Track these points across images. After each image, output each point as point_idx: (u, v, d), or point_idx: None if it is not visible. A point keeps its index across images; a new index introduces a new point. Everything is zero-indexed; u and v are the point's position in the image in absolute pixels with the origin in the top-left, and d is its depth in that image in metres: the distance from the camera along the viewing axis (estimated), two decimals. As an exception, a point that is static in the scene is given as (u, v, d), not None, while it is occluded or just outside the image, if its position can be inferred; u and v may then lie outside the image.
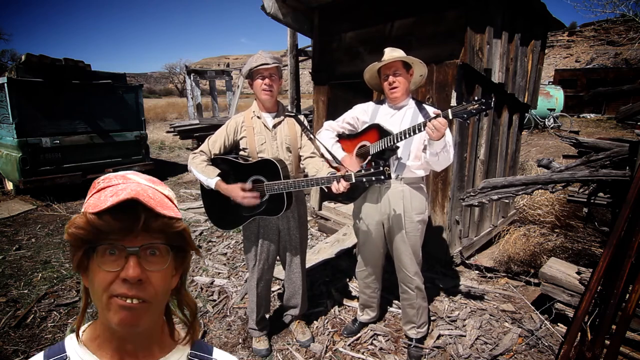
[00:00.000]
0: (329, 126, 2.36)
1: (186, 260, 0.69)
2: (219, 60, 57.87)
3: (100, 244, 0.59)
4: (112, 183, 0.62)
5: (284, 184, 1.99)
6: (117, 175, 0.64)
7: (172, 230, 0.62)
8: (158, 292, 0.62)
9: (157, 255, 0.62)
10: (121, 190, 0.58)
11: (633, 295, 1.68)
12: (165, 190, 0.66)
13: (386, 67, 2.10)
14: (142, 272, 0.59)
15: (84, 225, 0.58)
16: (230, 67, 13.14)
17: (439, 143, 1.91)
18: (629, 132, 10.39)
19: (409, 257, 2.24)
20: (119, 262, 0.59)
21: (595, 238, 3.85)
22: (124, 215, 0.57)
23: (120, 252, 0.59)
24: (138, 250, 0.59)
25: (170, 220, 0.61)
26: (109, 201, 0.57)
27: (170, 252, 0.63)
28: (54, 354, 0.68)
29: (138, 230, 0.59)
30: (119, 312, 0.60)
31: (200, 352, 0.75)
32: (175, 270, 0.67)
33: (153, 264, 0.61)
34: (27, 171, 5.52)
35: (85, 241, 0.59)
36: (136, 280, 0.59)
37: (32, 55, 5.68)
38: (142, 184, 0.62)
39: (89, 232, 0.58)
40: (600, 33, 28.32)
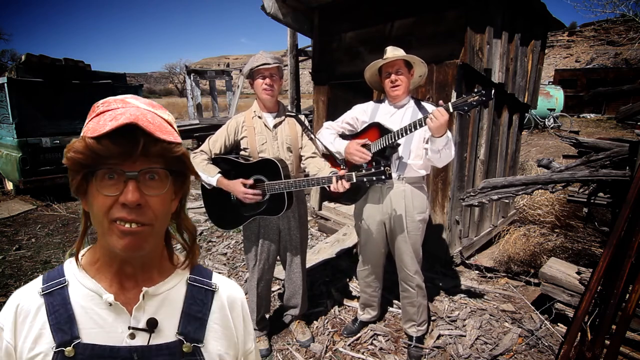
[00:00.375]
0: (329, 125, 2.36)
1: (185, 184, 0.68)
2: (219, 60, 57.88)
3: (99, 169, 0.58)
4: (111, 107, 0.60)
5: (284, 184, 1.99)
6: (117, 99, 0.62)
7: (172, 155, 0.61)
8: (157, 216, 0.62)
9: (156, 180, 0.61)
10: (120, 114, 0.57)
11: (633, 295, 1.68)
12: (164, 114, 0.64)
13: (388, 65, 2.11)
14: (141, 196, 0.59)
15: (82, 150, 0.57)
16: (230, 67, 13.14)
17: (441, 140, 1.91)
18: (629, 132, 10.40)
19: (410, 256, 2.24)
20: (117, 186, 0.58)
21: (595, 238, 3.85)
22: (123, 140, 0.56)
23: (119, 176, 0.58)
24: (137, 174, 0.58)
25: (170, 145, 0.60)
26: (107, 125, 0.56)
27: (169, 177, 0.63)
28: (52, 278, 0.68)
29: (137, 155, 0.58)
30: (122, 238, 0.60)
31: (199, 276, 0.74)
32: (175, 195, 0.67)
33: (152, 189, 0.61)
34: (27, 171, 5.52)
35: (84, 165, 0.58)
36: (135, 205, 0.58)
37: (32, 55, 5.68)
38: (141, 108, 0.61)
39: (88, 157, 0.57)
40: (600, 33, 28.32)
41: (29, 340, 0.63)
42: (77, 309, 0.65)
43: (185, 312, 0.69)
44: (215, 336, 0.71)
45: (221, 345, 0.71)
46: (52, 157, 5.81)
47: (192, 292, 0.71)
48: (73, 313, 0.64)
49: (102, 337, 0.64)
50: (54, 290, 0.66)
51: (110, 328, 0.64)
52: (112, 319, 0.65)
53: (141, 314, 0.66)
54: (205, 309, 0.71)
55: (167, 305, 0.69)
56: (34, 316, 0.64)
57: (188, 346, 0.67)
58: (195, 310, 0.70)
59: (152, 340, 0.65)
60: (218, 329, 0.71)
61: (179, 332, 0.67)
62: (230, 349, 0.73)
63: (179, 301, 0.70)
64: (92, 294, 0.66)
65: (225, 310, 0.74)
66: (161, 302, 0.68)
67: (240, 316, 0.76)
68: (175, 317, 0.68)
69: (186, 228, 0.72)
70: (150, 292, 0.67)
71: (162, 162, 0.61)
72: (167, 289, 0.70)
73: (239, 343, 0.75)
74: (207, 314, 0.71)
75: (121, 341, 0.64)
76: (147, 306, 0.67)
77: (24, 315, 0.64)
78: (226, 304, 0.74)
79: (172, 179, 0.64)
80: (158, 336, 0.66)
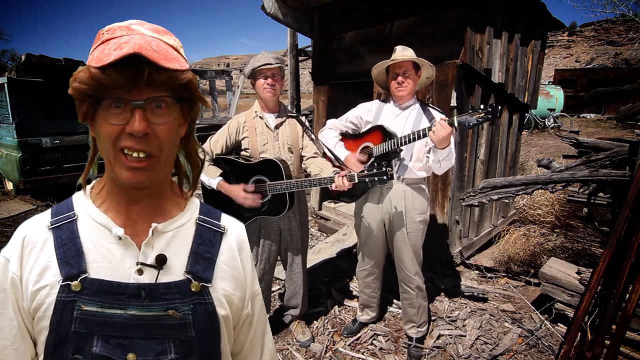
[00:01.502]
0: (332, 124, 2.35)
1: (194, 110, 0.67)
2: (219, 60, 57.82)
3: (105, 98, 0.58)
4: (115, 35, 0.59)
5: (286, 184, 1.99)
6: (121, 25, 0.61)
7: (178, 83, 0.60)
8: (165, 145, 0.61)
9: (162, 108, 0.60)
10: (125, 43, 0.56)
11: (633, 295, 1.69)
12: (170, 39, 0.63)
13: (396, 66, 2.09)
14: (148, 125, 0.58)
15: (87, 80, 0.56)
16: (230, 67, 13.12)
17: (444, 152, 1.91)
18: (629, 132, 10.39)
19: (410, 257, 2.24)
20: (124, 115, 0.58)
21: (595, 238, 3.85)
22: (128, 70, 0.56)
23: (126, 105, 0.58)
24: (143, 103, 0.58)
25: (175, 73, 0.59)
26: (112, 55, 0.55)
27: (176, 104, 0.62)
28: (62, 211, 0.67)
29: (142, 85, 0.57)
30: (127, 171, 0.60)
31: (208, 217, 0.74)
32: (183, 120, 0.66)
33: (159, 117, 0.60)
34: (27, 171, 5.52)
35: (89, 95, 0.58)
36: (142, 134, 0.58)
37: (32, 55, 5.67)
38: (146, 35, 0.59)
39: (93, 87, 0.57)
40: (600, 33, 28.31)
41: (35, 273, 0.63)
42: (85, 243, 0.64)
43: (193, 252, 0.68)
44: (223, 276, 0.70)
45: (229, 286, 0.70)
46: (52, 157, 5.80)
47: (202, 232, 0.71)
48: (81, 247, 0.64)
49: (110, 272, 0.63)
50: (63, 224, 0.66)
51: (118, 263, 0.64)
52: (120, 253, 0.65)
53: (150, 250, 0.66)
54: (214, 250, 0.70)
55: (175, 244, 0.68)
56: (40, 248, 0.64)
57: (196, 285, 0.66)
58: (204, 251, 0.69)
59: (160, 277, 0.65)
60: (226, 269, 0.71)
61: (187, 270, 0.67)
62: (237, 290, 0.72)
63: (187, 240, 0.69)
64: (101, 228, 0.65)
65: (234, 252, 0.73)
66: (170, 240, 0.68)
67: (248, 258, 0.76)
68: (184, 255, 0.68)
69: (194, 154, 0.71)
70: (160, 228, 0.67)
71: (168, 90, 0.60)
72: (176, 227, 0.69)
73: (247, 284, 0.74)
74: (216, 255, 0.70)
75: (129, 277, 0.64)
76: (156, 242, 0.66)
77: (31, 247, 0.64)
78: (235, 246, 0.74)
79: (180, 106, 0.63)
80: (166, 274, 0.65)
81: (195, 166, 0.73)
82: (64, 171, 5.91)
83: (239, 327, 0.76)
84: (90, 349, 0.61)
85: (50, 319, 0.61)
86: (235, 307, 0.73)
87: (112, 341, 0.62)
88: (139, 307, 0.63)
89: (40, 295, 0.62)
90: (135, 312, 0.63)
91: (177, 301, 0.65)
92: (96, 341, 0.61)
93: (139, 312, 0.63)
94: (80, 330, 0.61)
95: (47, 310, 0.61)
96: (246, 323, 0.77)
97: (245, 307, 0.75)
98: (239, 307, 0.73)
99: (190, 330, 0.65)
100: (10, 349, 0.63)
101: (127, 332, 0.62)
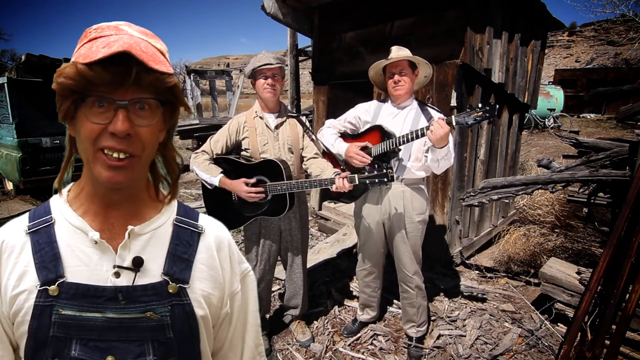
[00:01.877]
0: (330, 124, 2.35)
1: (175, 116, 0.67)
2: (219, 60, 57.80)
3: (89, 96, 0.57)
4: (104, 34, 0.59)
5: (286, 185, 1.99)
6: (110, 25, 0.61)
7: (163, 85, 0.60)
8: (146, 146, 0.61)
9: (146, 110, 0.60)
10: (113, 42, 0.56)
11: (633, 295, 1.69)
12: (157, 43, 0.63)
13: (392, 65, 2.10)
14: (131, 126, 0.58)
15: (73, 76, 0.56)
16: (230, 67, 13.11)
17: (442, 151, 1.91)
18: (629, 132, 10.39)
19: (409, 257, 2.24)
20: (107, 114, 0.58)
21: (595, 238, 3.85)
22: (115, 68, 0.55)
23: (109, 104, 0.57)
24: (127, 103, 0.58)
25: (162, 75, 0.59)
26: (100, 52, 0.54)
27: (159, 107, 0.62)
28: (39, 216, 0.67)
29: (129, 84, 0.57)
30: (106, 170, 0.59)
31: (185, 217, 0.73)
32: (164, 125, 0.66)
33: (142, 119, 0.60)
34: (27, 171, 5.52)
35: (74, 91, 0.57)
36: (124, 135, 0.58)
37: (32, 55, 5.67)
38: (134, 37, 0.59)
39: (78, 83, 0.56)
40: (600, 33, 28.30)
41: (14, 278, 0.62)
42: (62, 247, 0.64)
43: (170, 253, 0.68)
44: (201, 277, 0.70)
45: (207, 286, 0.70)
46: (52, 157, 5.80)
47: (178, 233, 0.70)
48: (58, 251, 0.63)
49: (87, 275, 0.63)
50: (40, 228, 0.65)
51: (95, 266, 0.64)
52: (97, 257, 0.64)
53: (126, 252, 0.65)
54: (191, 250, 0.70)
55: (152, 245, 0.68)
56: (18, 253, 0.64)
57: (174, 287, 0.66)
58: (181, 252, 0.69)
59: (137, 280, 0.64)
60: (204, 269, 0.70)
61: (165, 272, 0.66)
62: (215, 290, 0.72)
63: (164, 241, 0.69)
64: (77, 231, 0.65)
65: (212, 251, 0.73)
66: (147, 242, 0.67)
67: (227, 257, 0.75)
68: (161, 257, 0.67)
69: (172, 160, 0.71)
70: (136, 230, 0.66)
71: (153, 93, 0.60)
72: (153, 229, 0.69)
73: (225, 284, 0.74)
74: (193, 255, 0.70)
75: (106, 280, 0.63)
76: (133, 245, 0.66)
77: (9, 252, 0.64)
78: (213, 245, 0.73)
79: (162, 109, 0.63)
80: (143, 276, 0.65)
81: (173, 172, 0.72)
82: (64, 171, 5.91)
83: (218, 326, 0.76)
84: (69, 352, 0.61)
85: (28, 324, 0.61)
86: (214, 307, 0.72)
87: (91, 344, 0.62)
88: (116, 310, 0.63)
89: (19, 300, 0.62)
90: (113, 314, 0.63)
91: (155, 303, 0.64)
92: (75, 345, 0.61)
93: (117, 314, 0.63)
94: (59, 334, 0.61)
95: (26, 315, 0.61)
96: (225, 322, 0.77)
97: (224, 306, 0.75)
98: (217, 306, 0.73)
99: (169, 332, 0.65)
100: None
101: (106, 335, 0.62)
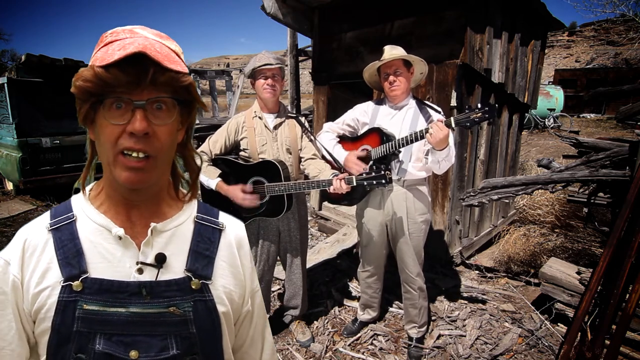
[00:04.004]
0: (328, 128, 2.34)
1: (192, 115, 0.68)
2: (219, 60, 57.80)
3: (107, 97, 0.58)
4: (119, 37, 0.60)
5: (284, 186, 1.99)
6: (125, 29, 0.62)
7: (179, 85, 0.61)
8: (164, 146, 0.62)
9: (163, 110, 0.61)
10: (129, 44, 0.57)
11: (633, 295, 1.69)
12: (172, 44, 0.64)
13: (386, 66, 2.07)
14: (149, 125, 0.59)
15: (91, 78, 0.57)
16: (230, 67, 13.11)
17: (442, 153, 1.90)
18: (629, 132, 10.38)
19: (412, 258, 2.23)
20: (125, 115, 0.59)
21: (595, 238, 3.85)
22: (132, 69, 0.57)
23: (127, 105, 0.59)
24: (145, 103, 0.59)
25: (177, 75, 0.60)
26: (116, 54, 0.56)
27: (176, 106, 0.63)
28: (60, 213, 0.68)
29: (145, 84, 0.58)
30: (125, 171, 0.60)
31: (206, 215, 0.74)
32: (181, 125, 0.67)
33: (159, 118, 0.61)
34: (27, 171, 5.52)
35: (92, 94, 0.59)
36: (143, 134, 0.58)
37: (32, 55, 5.67)
38: (149, 38, 0.61)
39: (96, 85, 0.57)
40: (600, 33, 28.29)
41: (36, 275, 0.63)
42: (85, 244, 0.65)
43: (193, 250, 0.69)
44: (222, 273, 0.71)
45: (228, 283, 0.71)
46: (52, 157, 5.80)
47: (200, 230, 0.72)
48: (81, 247, 0.64)
49: (110, 271, 0.64)
50: (62, 225, 0.66)
51: (118, 263, 0.65)
52: (120, 253, 0.65)
53: (149, 249, 0.66)
54: (213, 247, 0.71)
55: (175, 242, 0.69)
56: (41, 251, 0.64)
57: (196, 283, 0.67)
58: (203, 248, 0.70)
59: (160, 276, 0.65)
60: (225, 266, 0.72)
61: (187, 268, 0.67)
62: (237, 287, 0.73)
63: (186, 238, 0.70)
64: (100, 229, 0.66)
65: (233, 249, 0.74)
66: (169, 239, 0.68)
67: (247, 255, 0.77)
68: (183, 254, 0.68)
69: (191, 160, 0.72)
70: (159, 227, 0.67)
71: (169, 92, 0.61)
72: (175, 226, 0.70)
73: (246, 281, 0.75)
74: (215, 252, 0.71)
75: (129, 276, 0.64)
76: (155, 242, 0.67)
77: (32, 250, 0.64)
78: (234, 243, 0.75)
79: (179, 109, 0.64)
80: (166, 272, 0.66)
81: (193, 172, 0.73)
82: (64, 171, 5.91)
83: (240, 323, 0.77)
84: (92, 347, 0.62)
85: (52, 319, 0.62)
86: (236, 304, 0.73)
87: (115, 339, 0.62)
88: (140, 305, 0.63)
89: (42, 297, 0.62)
90: (137, 309, 0.63)
91: (178, 298, 0.65)
92: (98, 339, 0.62)
93: (141, 309, 0.63)
94: (83, 329, 0.62)
95: (49, 311, 0.62)
96: (247, 319, 0.78)
97: (246, 304, 0.76)
98: (239, 303, 0.74)
99: (192, 327, 0.65)
100: (7, 349, 0.64)
101: (129, 330, 0.63)
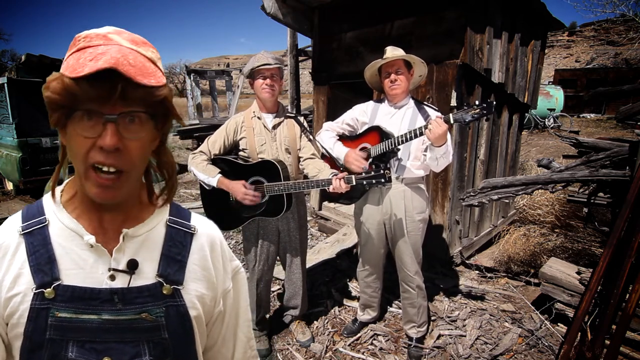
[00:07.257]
0: (328, 127, 2.35)
1: (167, 125, 0.66)
2: (219, 60, 57.81)
3: (78, 110, 0.56)
4: (92, 43, 0.57)
5: (284, 186, 1.99)
6: (99, 34, 0.59)
7: (153, 99, 0.59)
8: (136, 160, 0.60)
9: (136, 123, 0.59)
10: (101, 54, 0.54)
11: (633, 295, 1.69)
12: (148, 52, 0.61)
13: (388, 65, 2.10)
14: (120, 140, 0.57)
15: (59, 91, 0.55)
16: (230, 67, 13.13)
17: (440, 149, 1.91)
18: (629, 132, 10.38)
19: (410, 257, 2.24)
20: (96, 128, 0.56)
21: (595, 238, 3.85)
22: (102, 83, 0.54)
23: (98, 118, 0.56)
24: (116, 118, 0.56)
25: (152, 89, 0.57)
26: (87, 67, 0.53)
27: (150, 120, 0.61)
28: (32, 216, 0.67)
29: (115, 99, 0.56)
30: (96, 187, 0.59)
31: (178, 217, 0.73)
32: (155, 134, 0.64)
33: (132, 132, 0.58)
34: (27, 171, 5.52)
35: (62, 106, 0.57)
36: (113, 149, 0.57)
37: (32, 55, 5.69)
38: (123, 47, 0.57)
39: (65, 98, 0.55)
40: (600, 33, 28.29)
41: (8, 279, 0.62)
42: (57, 250, 0.64)
43: (164, 254, 0.69)
44: (194, 277, 0.70)
45: (200, 287, 0.71)
46: (52, 157, 5.80)
47: (172, 234, 0.71)
48: (54, 254, 0.63)
49: (82, 278, 0.63)
50: (34, 229, 0.65)
51: (90, 269, 0.64)
52: (92, 260, 0.64)
53: (121, 255, 0.66)
54: (184, 251, 0.71)
55: (146, 247, 0.68)
56: (12, 254, 0.63)
57: (168, 288, 0.66)
58: (175, 253, 0.70)
59: (132, 282, 0.65)
60: (197, 270, 0.71)
61: (159, 274, 0.67)
62: (209, 290, 0.72)
63: (158, 243, 0.69)
64: (72, 234, 0.65)
65: (205, 252, 0.73)
66: (141, 244, 0.68)
67: (219, 256, 0.76)
68: (155, 259, 0.68)
69: (166, 163, 0.70)
70: (130, 233, 0.67)
71: (143, 106, 0.58)
72: (146, 231, 0.69)
73: (218, 283, 0.74)
74: (187, 256, 0.70)
75: (101, 283, 0.64)
76: (127, 248, 0.66)
77: (3, 252, 0.63)
78: (206, 246, 0.74)
79: (154, 121, 0.62)
80: (138, 278, 0.66)
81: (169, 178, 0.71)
82: (64, 171, 5.91)
83: (212, 324, 0.77)
84: (65, 354, 0.61)
85: (24, 326, 0.61)
86: (208, 306, 0.73)
87: (87, 346, 0.62)
88: (112, 312, 0.63)
89: (14, 303, 0.61)
90: (109, 316, 0.63)
91: (150, 304, 0.65)
92: (71, 347, 0.61)
93: (113, 316, 0.63)
94: (55, 336, 0.61)
95: (21, 317, 0.61)
96: (219, 319, 0.78)
97: (217, 305, 0.76)
98: (211, 305, 0.74)
99: (164, 333, 0.65)
100: None
101: (102, 337, 0.63)
